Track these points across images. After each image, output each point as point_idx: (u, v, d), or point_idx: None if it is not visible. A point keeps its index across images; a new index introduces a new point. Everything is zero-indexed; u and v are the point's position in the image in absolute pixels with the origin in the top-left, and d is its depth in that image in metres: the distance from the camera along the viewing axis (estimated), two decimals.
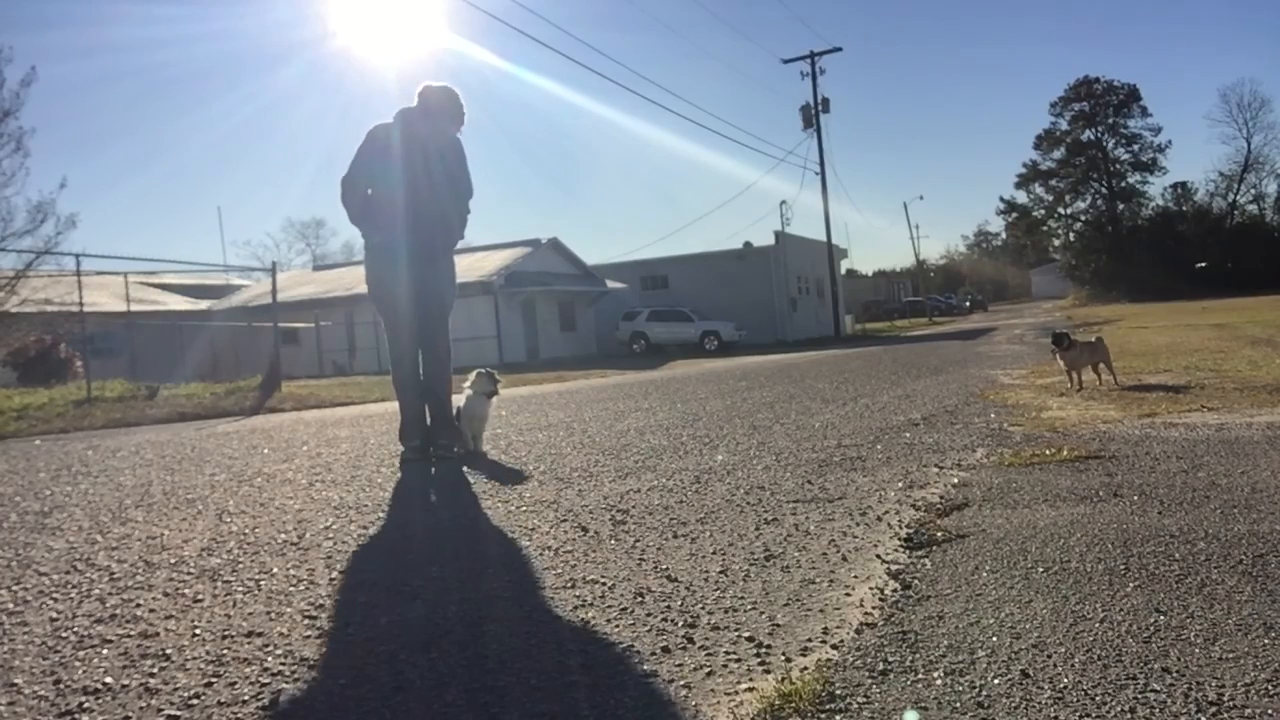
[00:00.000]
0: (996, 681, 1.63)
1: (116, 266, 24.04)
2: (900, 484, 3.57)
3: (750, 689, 1.68)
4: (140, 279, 29.62)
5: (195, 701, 1.74)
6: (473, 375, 5.17)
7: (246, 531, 3.30)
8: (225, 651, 2.01)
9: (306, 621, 2.20)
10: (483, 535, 3.08)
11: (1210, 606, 1.95)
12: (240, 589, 2.53)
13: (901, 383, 8.83)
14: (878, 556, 2.54)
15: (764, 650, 1.87)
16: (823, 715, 1.56)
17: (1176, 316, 23.49)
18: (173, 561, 2.90)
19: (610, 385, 12.56)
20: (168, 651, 2.03)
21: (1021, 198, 72.98)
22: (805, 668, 1.76)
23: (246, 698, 1.75)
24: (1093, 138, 69.50)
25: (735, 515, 3.15)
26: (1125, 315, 30.16)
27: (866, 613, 2.07)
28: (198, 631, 2.17)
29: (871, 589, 2.24)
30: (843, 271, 46.91)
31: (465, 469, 4.61)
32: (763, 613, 2.10)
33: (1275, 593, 2.01)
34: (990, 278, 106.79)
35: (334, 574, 2.64)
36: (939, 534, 2.73)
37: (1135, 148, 69.00)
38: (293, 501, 3.88)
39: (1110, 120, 68.97)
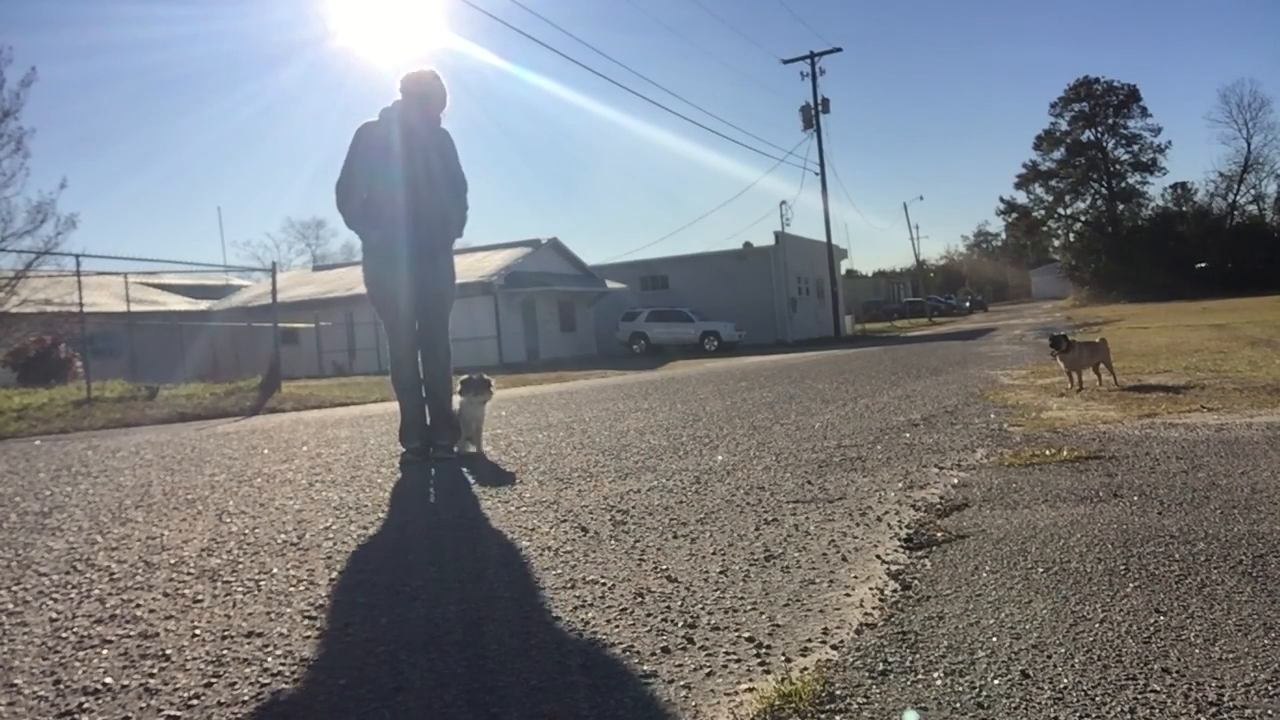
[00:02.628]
0: (996, 682, 1.63)
1: (116, 267, 23.99)
2: (900, 484, 3.57)
3: (750, 689, 1.68)
4: (140, 279, 29.60)
5: (195, 701, 1.74)
6: (461, 381, 5.09)
7: (246, 532, 3.30)
8: (225, 651, 2.01)
9: (306, 621, 2.20)
10: (482, 535, 3.08)
11: (1210, 606, 1.95)
12: (240, 589, 2.53)
13: (901, 383, 8.83)
14: (878, 557, 2.54)
15: (764, 650, 1.87)
16: (823, 715, 1.56)
17: (1176, 317, 23.49)
18: (173, 562, 2.90)
19: (610, 385, 12.56)
20: (168, 651, 2.03)
21: (1021, 198, 72.94)
22: (805, 668, 1.76)
23: (246, 698, 1.75)
24: (1093, 138, 69.45)
25: (735, 516, 3.15)
26: (1125, 315, 30.16)
27: (866, 613, 2.07)
28: (198, 631, 2.17)
29: (871, 589, 2.24)
30: (843, 272, 46.90)
31: (465, 469, 4.62)
32: (763, 613, 2.10)
33: (1275, 593, 2.01)
34: (990, 278, 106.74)
35: (334, 574, 2.64)
36: (939, 534, 2.73)
37: (1135, 148, 68.97)
38: (292, 502, 3.88)
39: (1110, 120, 68.92)
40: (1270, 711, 1.46)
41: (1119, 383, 6.96)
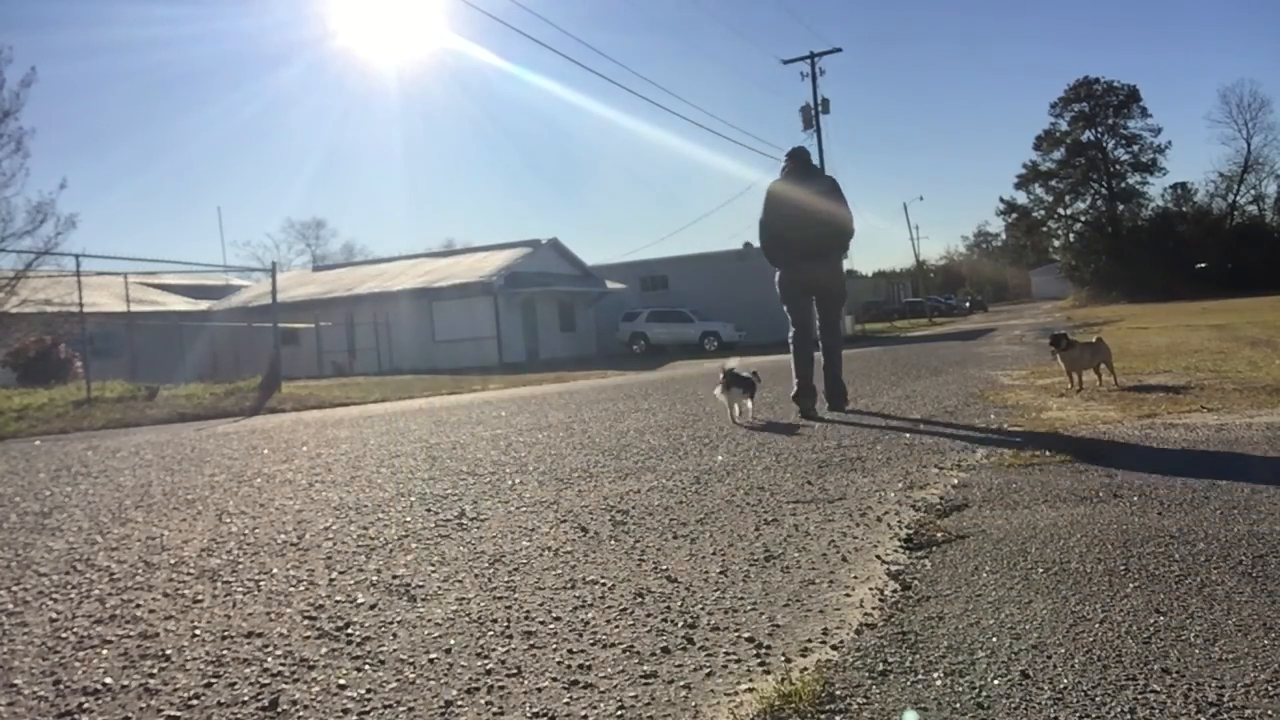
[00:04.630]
0: (996, 682, 1.63)
1: (116, 267, 24.01)
2: (900, 484, 3.57)
3: (750, 689, 1.68)
4: (140, 279, 29.61)
5: (195, 702, 1.74)
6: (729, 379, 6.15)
7: (246, 532, 3.30)
8: (225, 652, 2.01)
9: (306, 622, 2.20)
10: (482, 535, 3.08)
11: (1210, 607, 1.95)
12: (240, 589, 2.53)
13: (901, 383, 8.83)
14: (878, 557, 2.54)
15: (764, 651, 1.87)
16: (822, 716, 1.56)
17: (1176, 317, 23.48)
18: (173, 562, 2.90)
19: (610, 386, 12.56)
20: (168, 652, 2.03)
21: (1021, 198, 72.82)
22: (805, 668, 1.76)
23: (246, 698, 1.75)
24: (1092, 138, 69.38)
25: (735, 516, 3.15)
26: (1125, 316, 30.15)
27: (866, 613, 2.07)
28: (198, 632, 2.17)
29: (871, 590, 2.24)
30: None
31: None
32: (763, 613, 2.10)
33: (1275, 593, 2.01)
34: (990, 278, 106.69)
35: (334, 574, 2.64)
36: (939, 535, 2.73)
37: (1135, 148, 68.86)
38: (292, 502, 3.88)
39: (1110, 121, 68.84)
40: (1270, 711, 1.46)
41: (1119, 383, 6.95)
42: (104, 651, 2.05)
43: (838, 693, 1.63)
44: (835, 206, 6.49)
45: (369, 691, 1.75)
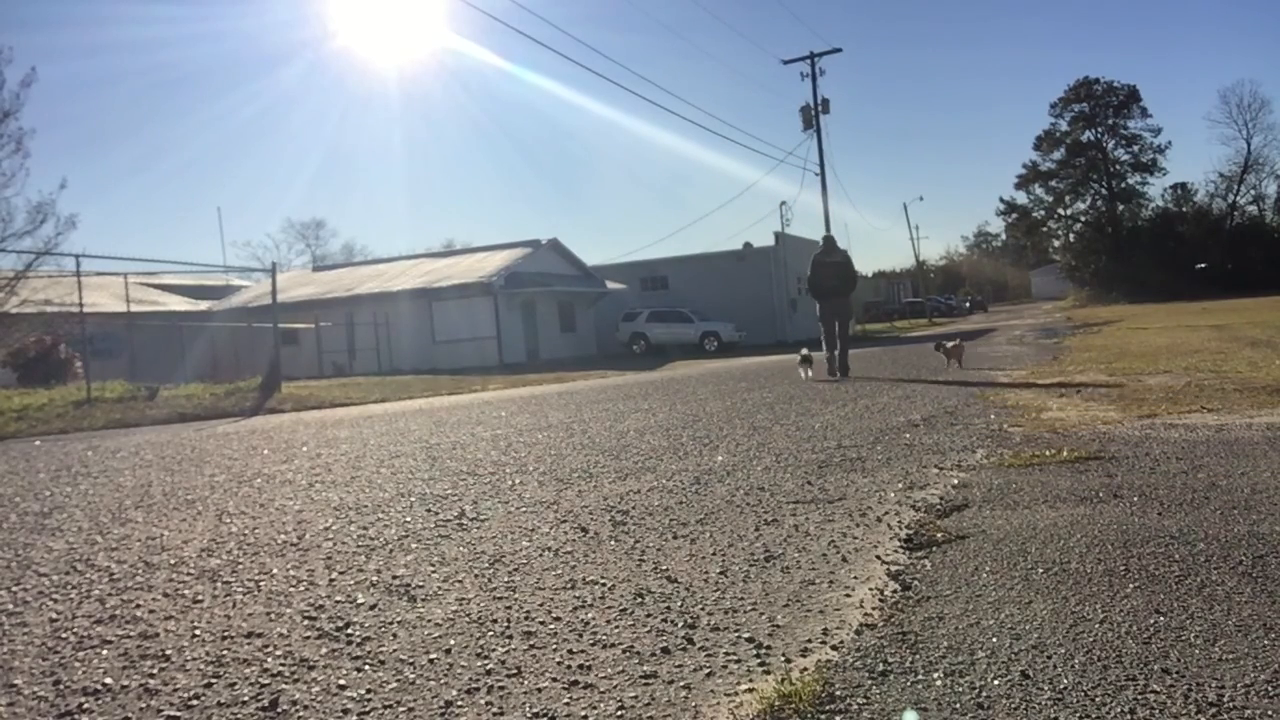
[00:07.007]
0: (996, 682, 1.63)
1: (116, 267, 24.01)
2: (900, 485, 3.57)
3: (750, 689, 1.68)
4: (140, 280, 29.58)
5: (195, 702, 1.74)
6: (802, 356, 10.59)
7: (246, 532, 3.30)
8: (225, 652, 2.01)
9: (306, 622, 2.20)
10: (483, 535, 3.08)
11: (1210, 607, 1.95)
12: (240, 589, 2.53)
13: (902, 383, 8.83)
14: (878, 557, 2.54)
15: (764, 651, 1.87)
16: (822, 716, 1.56)
17: (1176, 317, 23.48)
18: (173, 562, 2.90)
19: (610, 386, 12.56)
20: (168, 652, 2.03)
21: (1021, 198, 72.80)
22: (805, 668, 1.76)
23: (246, 698, 1.75)
24: (1092, 139, 69.38)
25: (735, 516, 3.15)
26: (1125, 316, 30.15)
27: (866, 613, 2.07)
28: (198, 632, 2.17)
29: (871, 590, 2.24)
30: None
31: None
32: (763, 613, 2.10)
33: (1275, 593, 2.01)
34: (990, 278, 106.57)
35: (334, 574, 2.64)
36: (939, 535, 2.73)
37: (1135, 149, 68.84)
38: (292, 502, 3.88)
39: (1110, 121, 68.83)
40: (1270, 712, 1.46)
41: (963, 365, 10.71)
42: (104, 651, 2.05)
43: (838, 693, 1.63)
44: (847, 269, 11.24)
45: (369, 691, 1.75)
